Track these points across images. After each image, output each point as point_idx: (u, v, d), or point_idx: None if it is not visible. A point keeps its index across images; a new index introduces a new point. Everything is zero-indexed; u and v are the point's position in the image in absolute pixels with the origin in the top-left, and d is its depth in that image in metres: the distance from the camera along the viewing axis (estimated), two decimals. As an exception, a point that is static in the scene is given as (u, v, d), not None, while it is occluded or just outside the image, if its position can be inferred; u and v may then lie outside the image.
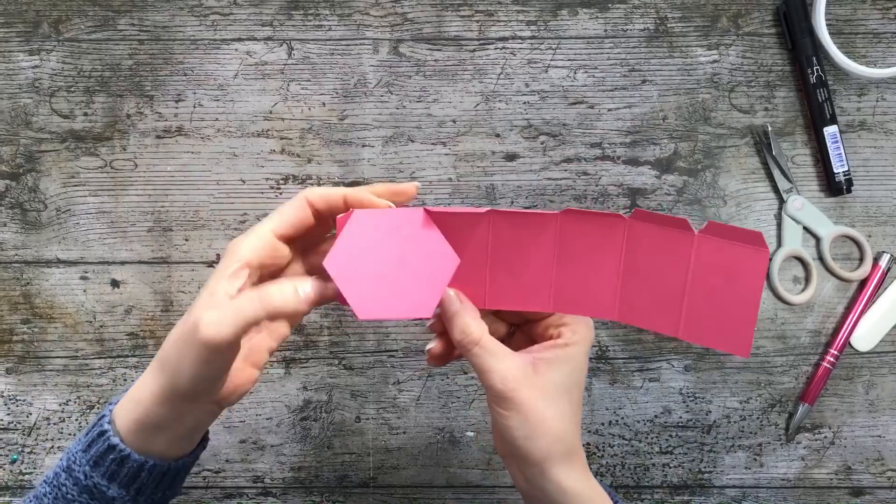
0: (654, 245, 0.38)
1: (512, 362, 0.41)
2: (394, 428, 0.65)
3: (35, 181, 0.65)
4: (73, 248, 0.65)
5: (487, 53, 0.66)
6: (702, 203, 0.65)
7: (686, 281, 0.38)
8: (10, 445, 0.65)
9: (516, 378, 0.41)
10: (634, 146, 0.65)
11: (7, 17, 0.66)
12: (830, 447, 0.65)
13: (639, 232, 0.38)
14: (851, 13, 0.66)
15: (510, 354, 0.42)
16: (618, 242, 0.39)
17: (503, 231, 0.40)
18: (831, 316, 0.65)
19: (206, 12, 0.66)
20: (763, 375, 0.65)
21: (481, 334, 0.41)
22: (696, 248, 0.37)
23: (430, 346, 0.44)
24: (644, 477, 0.65)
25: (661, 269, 0.38)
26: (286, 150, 0.65)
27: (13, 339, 0.65)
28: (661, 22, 0.66)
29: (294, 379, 0.65)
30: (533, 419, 0.41)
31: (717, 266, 0.37)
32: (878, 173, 0.66)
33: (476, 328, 0.41)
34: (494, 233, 0.40)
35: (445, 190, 0.65)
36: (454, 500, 0.65)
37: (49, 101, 0.65)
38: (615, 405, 0.65)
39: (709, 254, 0.37)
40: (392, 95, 0.66)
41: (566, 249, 0.40)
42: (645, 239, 0.38)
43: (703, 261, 0.37)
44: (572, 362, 0.42)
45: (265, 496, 0.65)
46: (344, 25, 0.66)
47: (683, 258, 0.38)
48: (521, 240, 0.40)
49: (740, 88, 0.66)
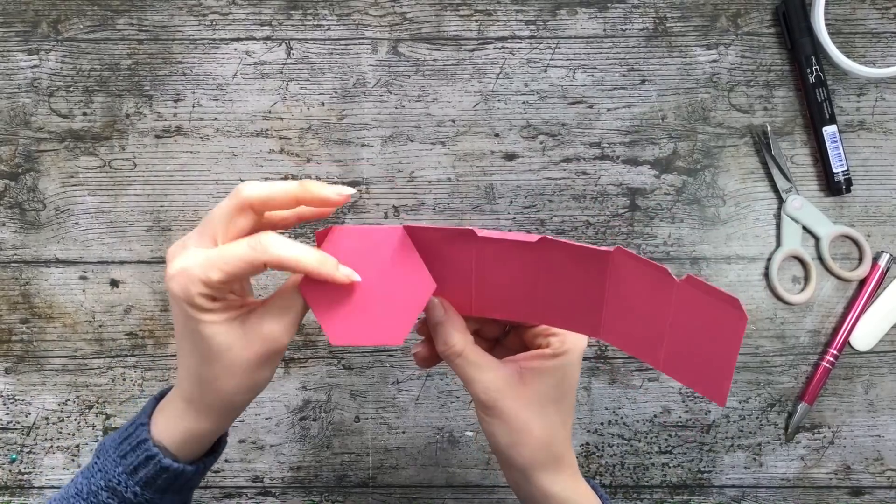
0: (637, 281, 0.37)
1: (495, 373, 0.41)
2: (393, 428, 0.65)
3: (34, 181, 0.65)
4: (72, 247, 0.65)
5: (486, 53, 0.66)
6: (701, 203, 0.65)
7: (667, 321, 0.37)
8: (9, 445, 0.65)
9: (499, 388, 0.41)
10: (633, 146, 0.65)
11: (6, 17, 0.66)
12: (830, 447, 0.65)
13: (621, 268, 0.37)
14: (850, 13, 0.66)
15: (493, 364, 0.42)
16: (598, 277, 0.38)
17: (485, 250, 0.39)
18: (830, 316, 0.65)
19: (205, 12, 0.66)
20: (762, 375, 0.65)
21: (463, 346, 0.41)
22: (678, 292, 0.36)
23: (415, 350, 0.44)
24: (643, 477, 0.65)
25: (643, 303, 0.37)
26: (285, 149, 0.65)
27: (12, 339, 0.65)
28: (660, 21, 0.66)
29: (293, 379, 0.65)
30: (517, 428, 0.41)
31: (697, 316, 0.35)
32: (878, 173, 0.66)
33: (458, 340, 0.41)
34: (477, 250, 0.39)
35: (444, 190, 0.65)
36: (453, 500, 0.65)
37: (48, 101, 0.65)
38: (614, 405, 0.65)
39: (689, 302, 0.35)
40: (391, 95, 0.66)
41: (548, 271, 0.39)
42: (629, 276, 0.37)
43: (683, 307, 0.36)
44: (559, 373, 0.42)
45: (264, 496, 0.65)
46: (343, 25, 0.66)
47: (665, 299, 0.36)
48: (505, 258, 0.39)
49: (739, 88, 0.66)
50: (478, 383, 0.41)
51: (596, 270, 0.37)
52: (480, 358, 0.42)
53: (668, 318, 0.36)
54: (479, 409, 0.43)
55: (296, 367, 0.65)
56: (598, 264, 0.37)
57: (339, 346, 0.35)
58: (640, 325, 0.38)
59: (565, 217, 0.65)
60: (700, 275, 0.65)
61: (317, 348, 0.65)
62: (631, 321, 0.38)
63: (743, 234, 0.65)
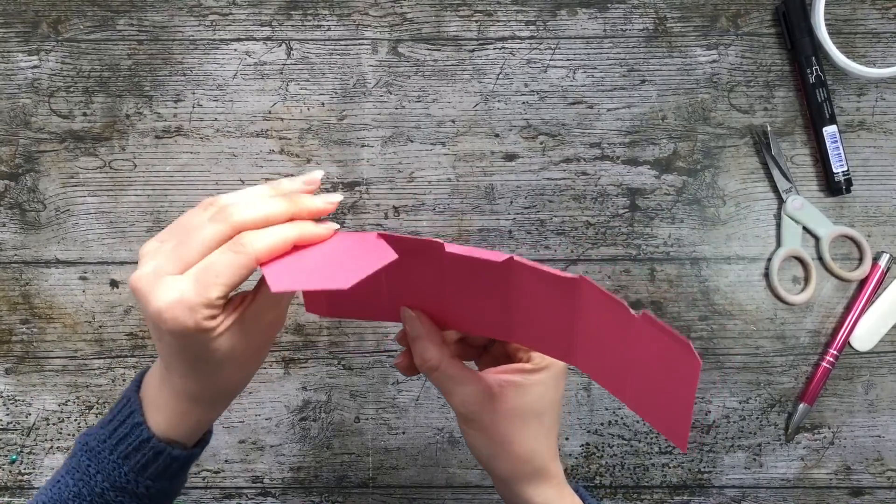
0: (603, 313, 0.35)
1: (473, 386, 0.41)
2: (393, 428, 0.65)
3: (34, 181, 0.65)
4: (72, 248, 0.65)
5: (486, 53, 0.66)
6: (701, 203, 0.65)
7: (630, 356, 0.35)
8: (9, 446, 0.65)
9: (478, 402, 0.41)
10: (633, 146, 0.65)
11: (6, 18, 0.66)
12: (830, 447, 0.65)
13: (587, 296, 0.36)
14: (851, 13, 0.66)
15: (472, 378, 0.41)
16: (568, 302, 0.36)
17: (455, 265, 0.38)
18: (831, 316, 0.65)
19: (205, 12, 0.66)
20: (762, 375, 0.65)
21: (440, 360, 0.41)
22: (636, 328, 0.34)
23: (396, 361, 0.44)
24: (643, 477, 0.65)
25: (610, 335, 0.36)
26: (285, 150, 0.65)
27: (12, 340, 0.65)
28: (661, 22, 0.66)
29: (293, 379, 0.65)
30: (497, 441, 0.41)
31: (656, 355, 0.34)
32: (878, 173, 0.66)
33: (434, 354, 0.41)
34: (448, 264, 0.38)
35: (444, 190, 0.65)
36: (453, 501, 0.65)
37: (48, 102, 0.65)
38: (614, 405, 0.65)
39: (647, 340, 0.34)
40: (391, 95, 0.66)
41: (517, 292, 0.38)
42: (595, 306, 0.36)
43: (642, 344, 0.34)
44: (541, 387, 0.42)
45: (264, 496, 0.65)
46: (343, 25, 0.66)
47: (626, 334, 0.35)
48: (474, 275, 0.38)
49: (739, 88, 0.66)
50: (455, 396, 0.41)
51: (564, 296, 0.36)
52: (458, 371, 0.41)
53: (630, 353, 0.35)
54: (459, 421, 0.43)
55: (296, 368, 0.65)
56: (566, 290, 0.36)
57: (279, 291, 0.33)
58: (608, 357, 0.37)
59: (565, 217, 0.65)
60: (700, 275, 0.65)
61: (317, 349, 0.65)
62: (600, 351, 0.37)
63: (743, 234, 0.65)
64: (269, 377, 0.65)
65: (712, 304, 0.65)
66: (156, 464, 0.40)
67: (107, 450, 0.40)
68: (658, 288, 0.65)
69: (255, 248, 0.35)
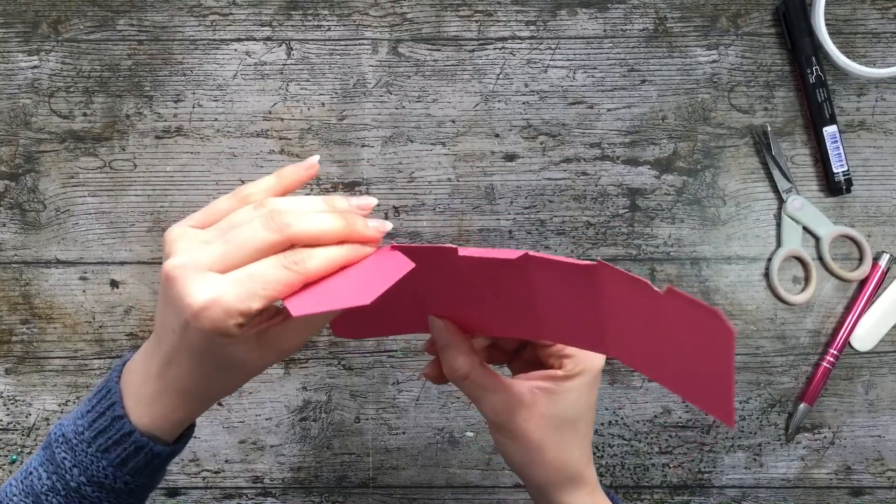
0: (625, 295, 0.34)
1: (504, 393, 0.41)
2: (393, 428, 0.65)
3: (34, 181, 0.65)
4: (72, 248, 0.65)
5: (486, 53, 0.66)
6: (701, 203, 0.65)
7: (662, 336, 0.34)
8: (9, 446, 0.65)
9: (508, 409, 0.40)
10: (634, 146, 0.65)
11: (6, 18, 0.66)
12: (830, 447, 0.65)
13: (608, 282, 0.35)
14: (851, 13, 0.66)
15: (502, 385, 0.41)
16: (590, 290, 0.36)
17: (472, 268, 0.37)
18: (831, 316, 0.65)
19: (205, 12, 0.66)
20: (762, 375, 0.65)
21: (469, 369, 0.40)
22: (663, 306, 0.33)
23: (425, 371, 0.44)
24: (644, 477, 0.65)
25: (637, 318, 0.35)
26: (285, 150, 0.65)
27: (12, 340, 0.65)
28: (661, 22, 0.66)
29: (293, 379, 0.65)
30: (531, 449, 0.41)
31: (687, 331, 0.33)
32: (878, 173, 0.66)
33: (463, 363, 0.40)
34: (465, 269, 0.38)
35: (445, 190, 0.65)
36: (453, 501, 0.65)
37: (48, 102, 0.65)
38: (615, 405, 0.65)
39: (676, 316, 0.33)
40: (391, 95, 0.66)
41: (539, 288, 0.37)
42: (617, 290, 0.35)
43: (671, 319, 0.33)
44: (574, 393, 0.41)
45: (264, 496, 0.65)
46: (343, 25, 0.66)
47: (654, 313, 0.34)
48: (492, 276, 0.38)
49: (740, 88, 0.66)
50: (486, 405, 0.41)
51: (585, 285, 0.36)
52: (488, 379, 0.41)
53: (661, 333, 0.34)
54: (490, 428, 0.42)
55: (296, 368, 0.65)
56: (585, 278, 0.35)
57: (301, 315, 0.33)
58: (640, 341, 0.36)
59: (565, 217, 0.65)
60: (700, 275, 0.65)
61: (317, 349, 0.65)
62: (631, 336, 0.36)
63: (743, 234, 0.65)
64: (269, 377, 0.65)
65: (713, 304, 0.65)
66: (136, 459, 0.38)
67: (84, 442, 0.38)
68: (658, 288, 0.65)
69: (308, 268, 0.34)
